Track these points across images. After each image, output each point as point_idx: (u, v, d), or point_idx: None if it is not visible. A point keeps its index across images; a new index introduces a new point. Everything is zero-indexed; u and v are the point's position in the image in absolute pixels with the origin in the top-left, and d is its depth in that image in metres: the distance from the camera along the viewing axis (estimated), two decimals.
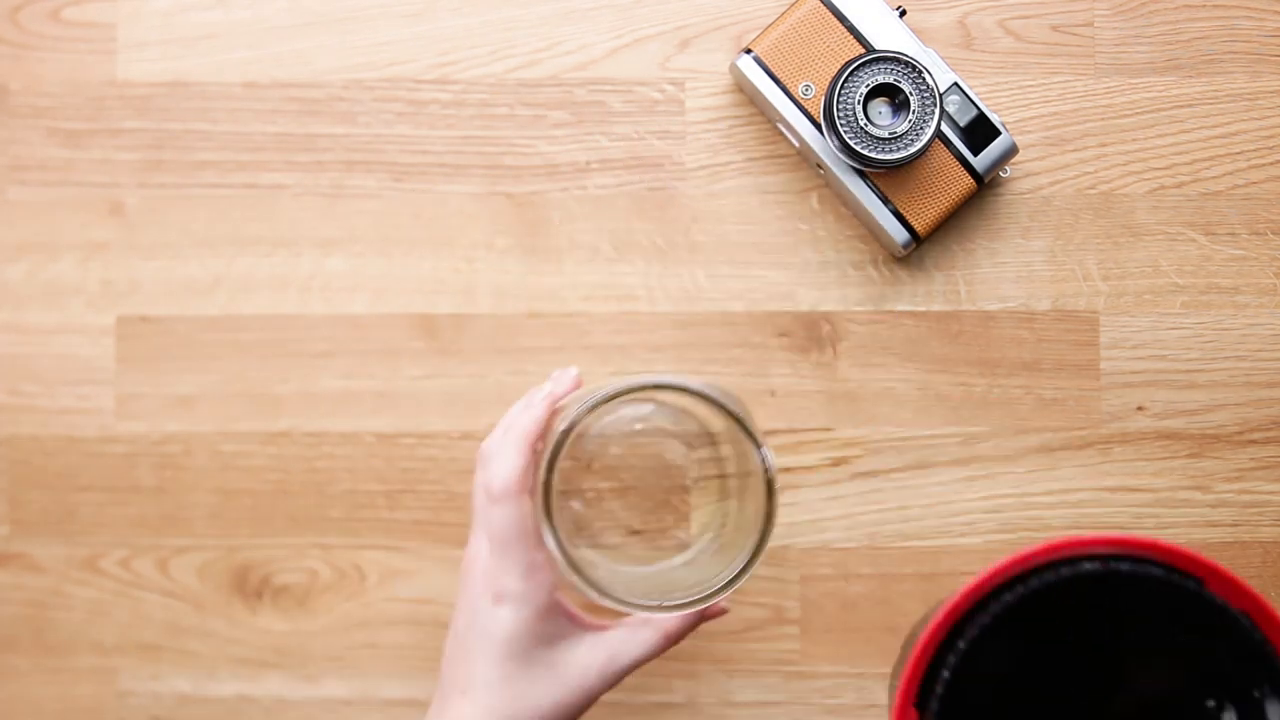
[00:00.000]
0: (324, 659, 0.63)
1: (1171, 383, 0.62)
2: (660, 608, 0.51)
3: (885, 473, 0.63)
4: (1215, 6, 0.63)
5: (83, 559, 0.64)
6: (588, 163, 0.63)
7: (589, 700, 0.53)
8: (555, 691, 0.52)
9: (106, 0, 0.64)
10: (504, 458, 0.52)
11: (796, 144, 0.61)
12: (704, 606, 0.51)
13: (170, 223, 0.64)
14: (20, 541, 0.64)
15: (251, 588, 0.64)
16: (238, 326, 0.64)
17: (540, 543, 0.51)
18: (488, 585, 0.52)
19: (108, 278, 0.64)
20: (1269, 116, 0.62)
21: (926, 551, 0.63)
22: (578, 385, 0.56)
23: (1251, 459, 0.62)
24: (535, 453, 0.52)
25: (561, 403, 0.54)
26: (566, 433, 0.50)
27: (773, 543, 0.54)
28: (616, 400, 0.51)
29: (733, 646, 0.63)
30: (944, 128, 0.59)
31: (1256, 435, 0.62)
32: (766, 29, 0.60)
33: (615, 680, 0.53)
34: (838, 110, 0.57)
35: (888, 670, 0.63)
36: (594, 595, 0.51)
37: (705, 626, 0.63)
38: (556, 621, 0.52)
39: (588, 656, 0.52)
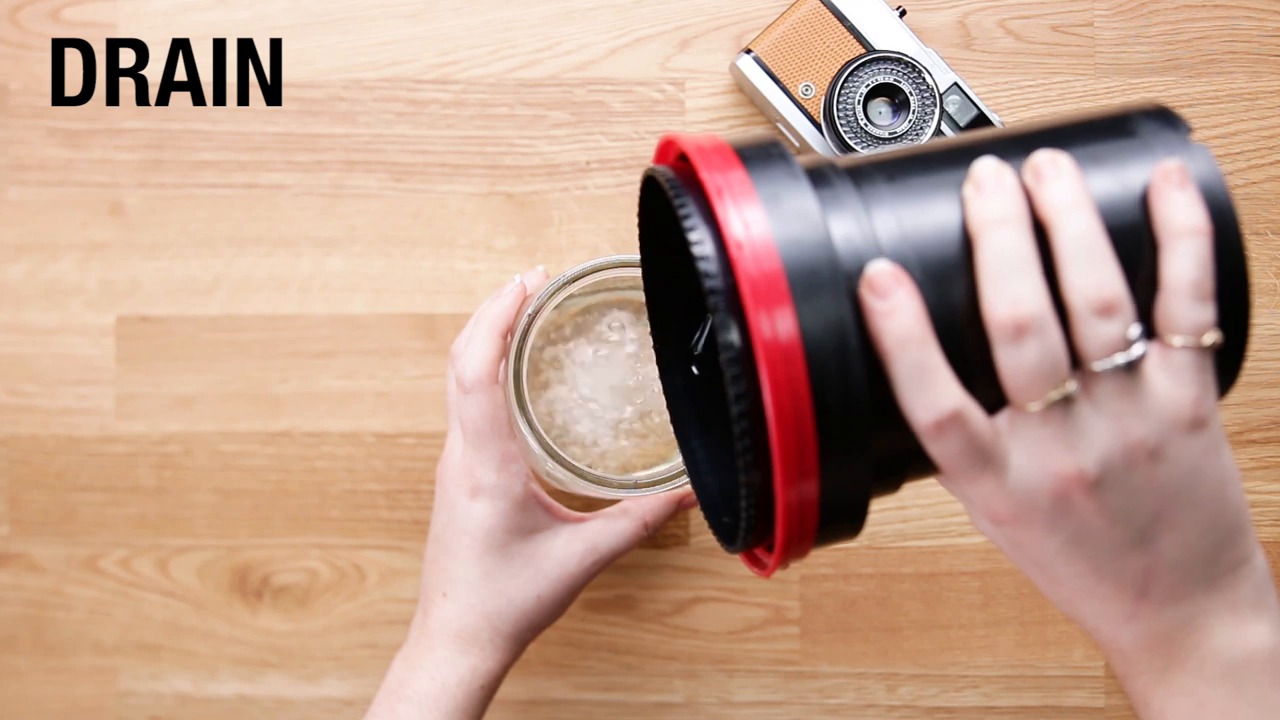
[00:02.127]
0: (324, 659, 0.63)
1: None
2: (636, 485, 0.51)
3: None
4: (1215, 6, 0.63)
5: (83, 559, 0.64)
6: (588, 163, 0.63)
7: (570, 592, 0.52)
8: (536, 584, 0.51)
9: (106, 0, 0.64)
10: (474, 349, 0.51)
11: (796, 144, 0.61)
12: (677, 489, 0.51)
13: (170, 223, 0.64)
14: (20, 541, 0.64)
15: (251, 588, 0.64)
16: (238, 326, 0.64)
17: (513, 433, 0.51)
18: (463, 480, 0.51)
19: (108, 278, 0.64)
20: (1269, 116, 0.62)
21: (926, 551, 0.63)
22: (546, 279, 0.55)
23: (1251, 459, 0.62)
24: (506, 344, 0.51)
25: (530, 293, 0.54)
26: (533, 315, 0.50)
27: None
28: (582, 281, 0.51)
29: (733, 646, 0.63)
30: (944, 128, 0.59)
31: (1256, 435, 0.62)
32: (766, 29, 0.60)
33: (595, 571, 0.52)
34: (838, 110, 0.57)
35: (888, 670, 0.63)
36: (568, 478, 0.51)
37: (705, 626, 0.63)
38: (534, 514, 0.52)
39: (567, 548, 0.52)
